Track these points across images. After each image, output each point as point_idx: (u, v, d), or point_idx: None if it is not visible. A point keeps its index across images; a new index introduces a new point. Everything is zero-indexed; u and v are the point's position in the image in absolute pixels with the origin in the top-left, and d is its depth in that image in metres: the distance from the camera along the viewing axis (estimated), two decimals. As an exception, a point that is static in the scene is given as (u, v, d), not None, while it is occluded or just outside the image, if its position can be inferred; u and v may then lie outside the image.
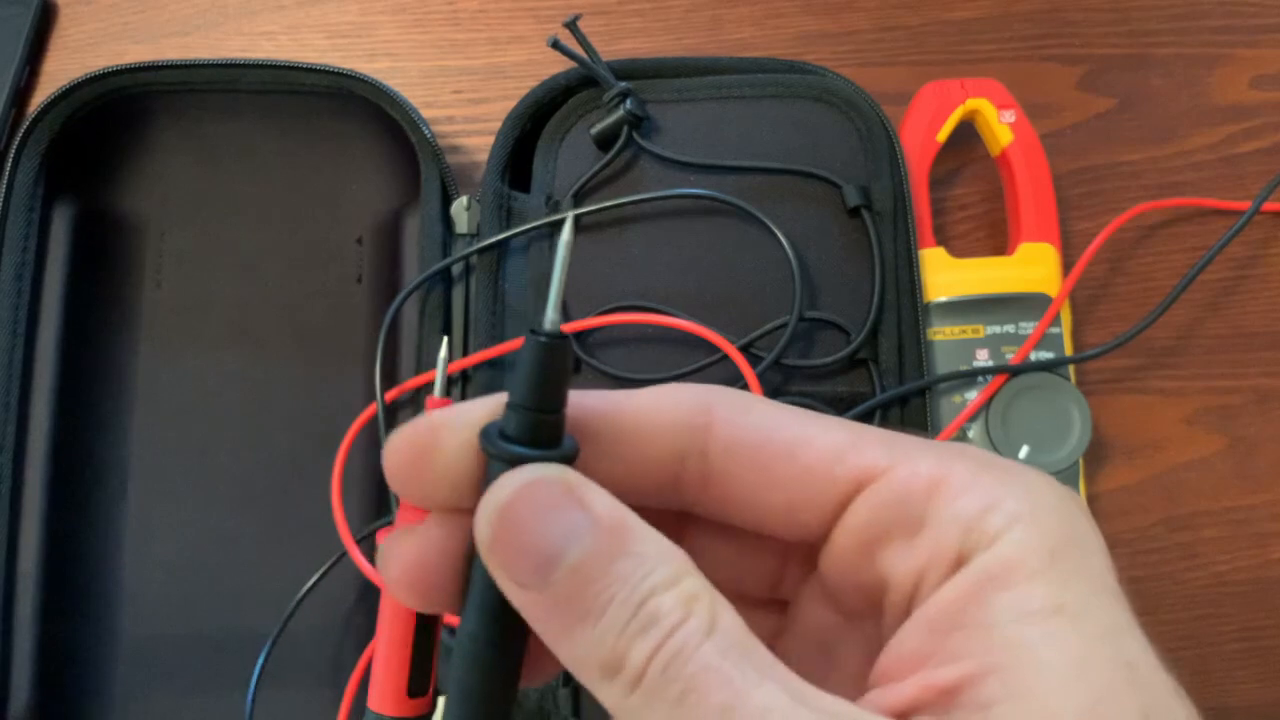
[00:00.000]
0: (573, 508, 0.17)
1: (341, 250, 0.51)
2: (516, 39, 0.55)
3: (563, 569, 0.16)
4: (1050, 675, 0.15)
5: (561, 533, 0.17)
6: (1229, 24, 0.55)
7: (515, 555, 0.17)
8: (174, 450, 0.49)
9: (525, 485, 0.17)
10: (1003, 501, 0.17)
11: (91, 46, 0.55)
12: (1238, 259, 0.53)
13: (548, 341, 0.18)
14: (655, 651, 0.16)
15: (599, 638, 0.16)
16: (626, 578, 0.16)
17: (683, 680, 0.16)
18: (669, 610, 0.16)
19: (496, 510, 0.17)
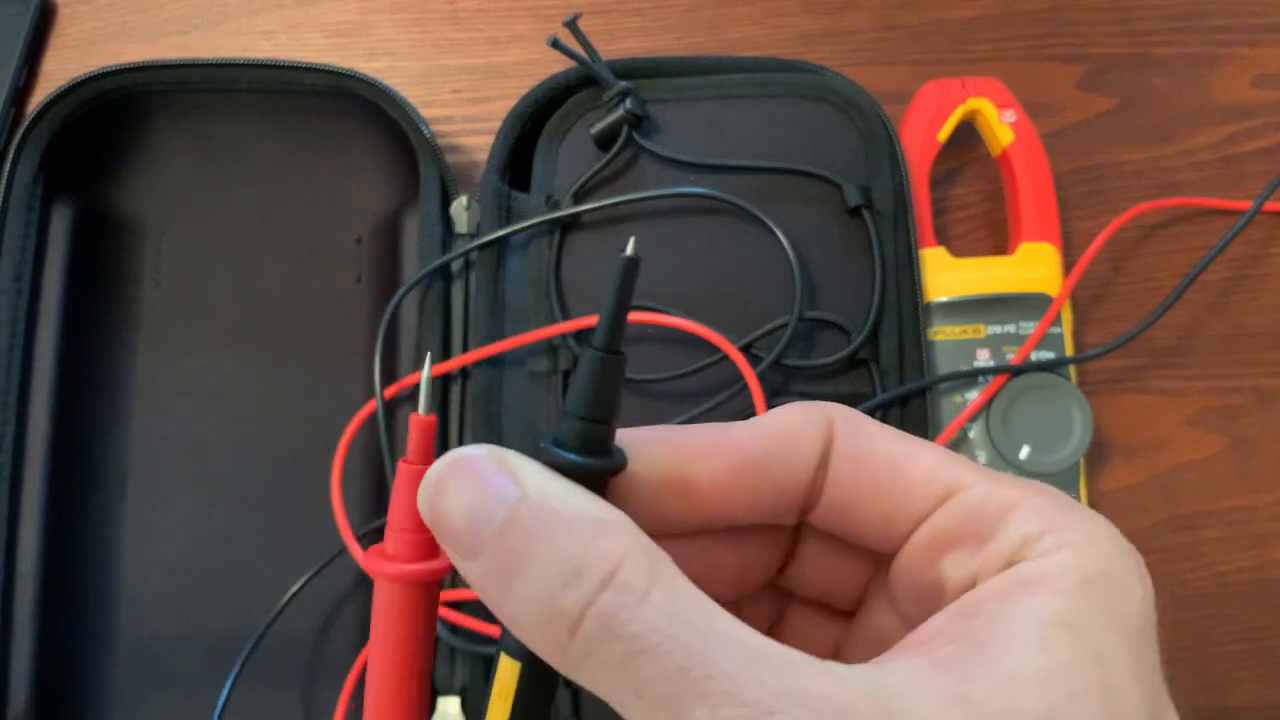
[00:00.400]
0: (501, 478, 0.18)
1: (341, 250, 0.51)
2: (516, 38, 0.55)
3: (492, 532, 0.17)
4: (1027, 672, 0.16)
5: (491, 501, 0.17)
6: (1230, 23, 0.55)
7: (450, 525, 0.18)
8: (173, 450, 0.49)
9: (454, 460, 0.18)
10: (1062, 531, 0.18)
11: (90, 46, 0.55)
12: (1239, 259, 0.52)
13: (605, 356, 0.18)
14: (588, 605, 0.16)
15: (527, 591, 0.17)
16: (554, 535, 0.17)
17: (625, 640, 0.16)
18: (598, 561, 0.16)
19: (429, 485, 0.18)
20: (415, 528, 0.20)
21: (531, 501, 0.17)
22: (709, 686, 0.15)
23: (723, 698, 0.15)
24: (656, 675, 0.16)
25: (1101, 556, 0.18)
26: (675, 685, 0.15)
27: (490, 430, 0.46)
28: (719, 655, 0.16)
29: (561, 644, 0.16)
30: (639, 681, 0.16)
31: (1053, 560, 0.18)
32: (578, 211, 0.48)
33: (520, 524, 0.17)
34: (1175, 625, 0.48)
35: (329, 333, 0.50)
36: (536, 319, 0.47)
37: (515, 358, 0.47)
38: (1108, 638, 0.17)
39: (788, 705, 0.15)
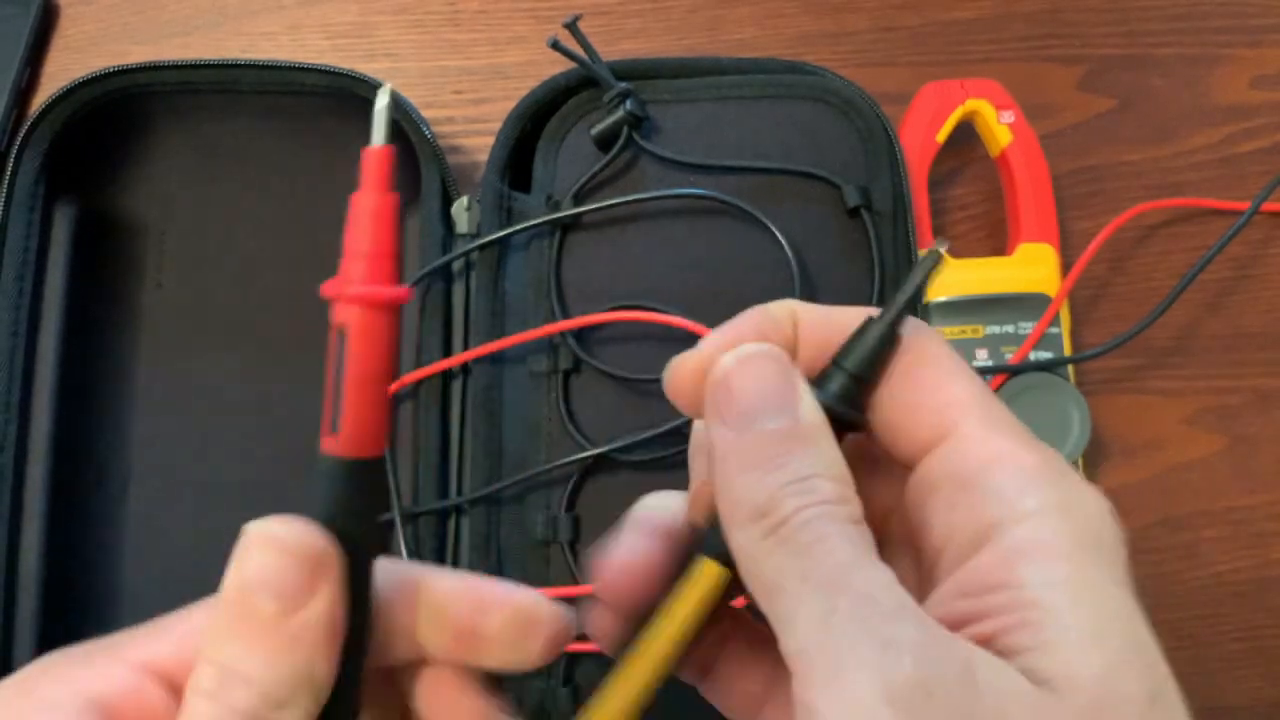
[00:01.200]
0: (790, 392, 0.21)
1: (342, 250, 0.51)
2: (516, 39, 0.55)
3: (762, 426, 0.20)
4: (1073, 636, 0.18)
5: (775, 402, 0.21)
6: (1229, 24, 0.55)
7: (734, 397, 0.21)
8: (175, 450, 0.49)
9: (767, 353, 0.21)
10: (1042, 489, 0.20)
11: (92, 47, 0.55)
12: (1237, 259, 0.53)
13: (887, 331, 0.21)
14: (803, 507, 0.19)
15: (764, 484, 0.20)
16: (803, 457, 0.20)
17: (816, 533, 0.19)
18: (826, 489, 0.20)
19: (740, 359, 0.21)
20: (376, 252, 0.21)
21: (806, 428, 0.20)
22: (857, 584, 0.19)
23: (858, 595, 0.18)
24: (823, 564, 0.19)
25: (1083, 516, 0.20)
26: (832, 576, 0.19)
27: (491, 428, 0.46)
28: (867, 568, 0.19)
29: (770, 526, 0.19)
30: (809, 568, 0.19)
31: (1041, 524, 0.19)
32: (578, 212, 0.48)
33: (794, 432, 0.20)
34: (1173, 624, 0.49)
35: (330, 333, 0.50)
36: (536, 319, 0.47)
37: (515, 356, 0.48)
38: (1114, 591, 0.19)
39: (907, 617, 0.18)
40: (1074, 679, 0.17)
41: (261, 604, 0.20)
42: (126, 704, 0.21)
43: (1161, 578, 0.49)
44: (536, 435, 0.47)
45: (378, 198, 0.21)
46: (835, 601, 0.18)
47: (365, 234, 0.21)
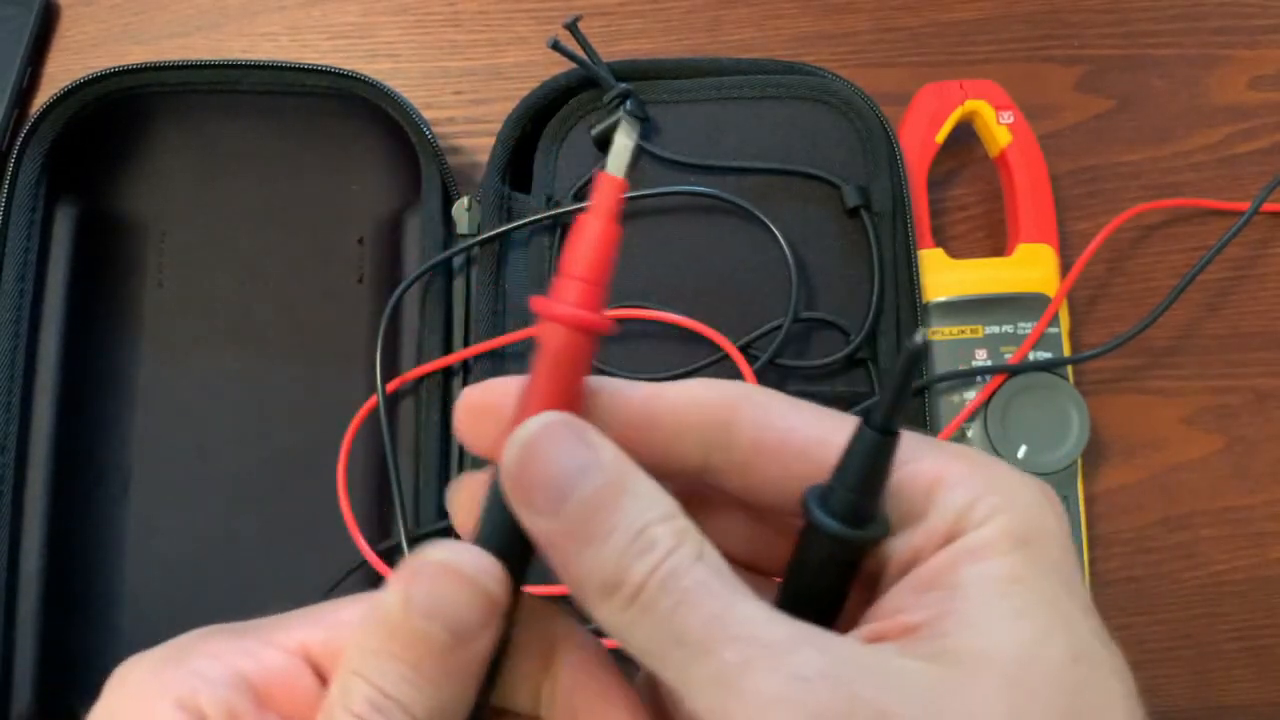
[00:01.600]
0: (585, 449, 0.19)
1: (342, 251, 0.51)
2: (517, 40, 0.55)
3: (574, 500, 0.19)
4: (998, 618, 0.18)
5: (575, 469, 0.19)
6: (1227, 25, 0.56)
7: (534, 486, 0.19)
8: (176, 450, 0.49)
9: (545, 426, 0.20)
10: (987, 496, 0.20)
11: (93, 47, 0.55)
12: (1236, 259, 0.53)
13: (880, 437, 0.19)
14: (653, 570, 0.18)
15: (603, 559, 0.19)
16: (627, 511, 0.19)
17: (677, 593, 0.18)
18: (664, 538, 0.19)
19: (522, 445, 0.19)
20: (588, 277, 0.20)
21: (612, 479, 0.19)
22: (737, 631, 0.18)
23: (748, 641, 0.18)
24: (696, 622, 0.18)
25: (1027, 513, 0.20)
26: (711, 630, 0.18)
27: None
28: (745, 610, 0.18)
29: (623, 604, 0.19)
30: (682, 629, 0.18)
31: (989, 527, 0.19)
32: (578, 209, 0.48)
33: (603, 498, 0.19)
34: (1172, 624, 0.49)
35: (331, 333, 0.50)
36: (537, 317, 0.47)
37: (516, 354, 0.48)
38: (1052, 582, 0.19)
39: (802, 647, 0.18)
40: (992, 652, 0.18)
41: (435, 634, 0.19)
42: (276, 685, 0.21)
43: (1160, 577, 0.49)
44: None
45: (604, 225, 0.21)
46: (722, 658, 0.18)
47: (584, 259, 0.20)
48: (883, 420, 0.19)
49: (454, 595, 0.20)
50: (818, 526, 0.20)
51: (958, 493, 0.20)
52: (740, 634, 0.18)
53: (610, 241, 0.21)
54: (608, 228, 0.21)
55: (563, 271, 0.21)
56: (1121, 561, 0.49)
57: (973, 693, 0.17)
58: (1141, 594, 0.49)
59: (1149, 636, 0.49)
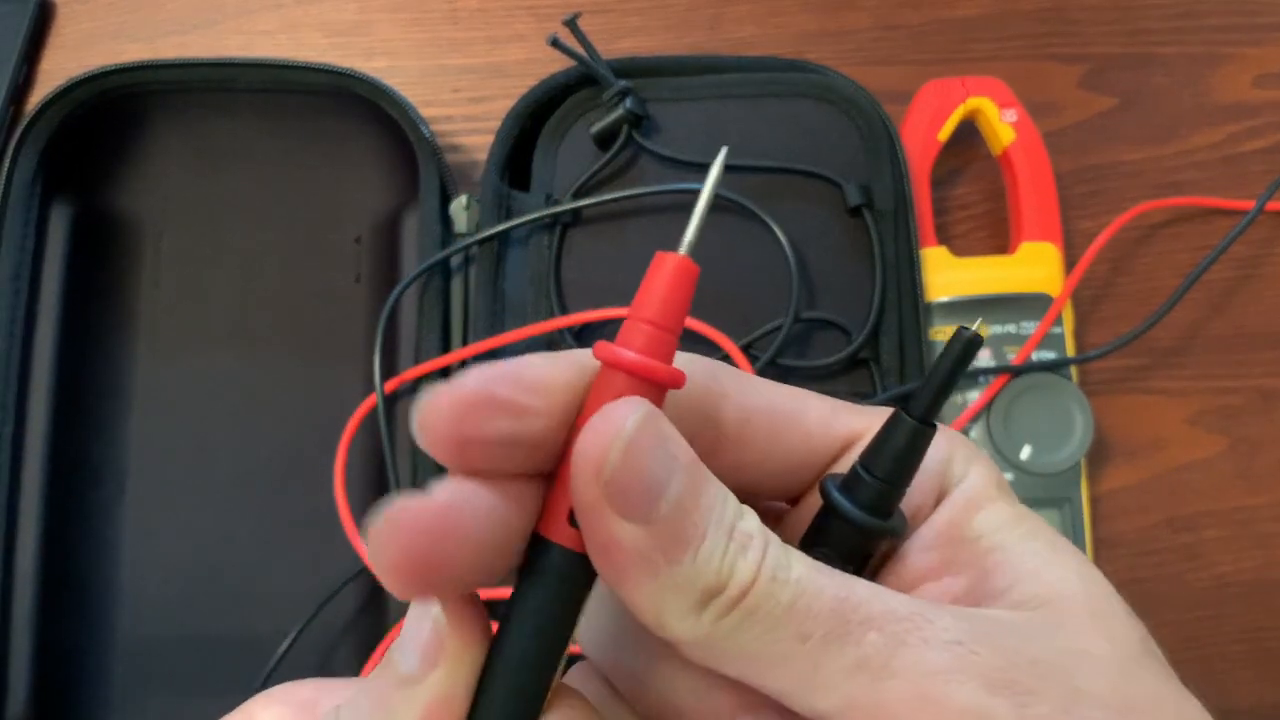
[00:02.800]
0: (668, 446, 0.17)
1: (340, 250, 0.51)
2: (516, 37, 0.55)
3: (667, 502, 0.17)
4: (1042, 562, 0.19)
5: (665, 469, 0.17)
6: (1231, 22, 0.55)
7: (632, 488, 0.17)
8: (172, 450, 0.49)
9: (643, 422, 0.17)
10: (957, 450, 0.21)
11: (89, 45, 0.55)
12: (1240, 259, 0.52)
13: (918, 427, 0.19)
14: (759, 565, 0.17)
15: (703, 562, 0.17)
16: (714, 508, 0.17)
17: (792, 585, 0.17)
18: (757, 530, 0.18)
19: (626, 442, 0.17)
20: (662, 323, 0.18)
21: (693, 473, 0.18)
22: (869, 610, 0.17)
23: (885, 617, 0.17)
24: (821, 611, 0.17)
25: (986, 462, 0.21)
26: (840, 617, 0.17)
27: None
28: (858, 587, 0.17)
29: (726, 609, 0.17)
30: (805, 624, 0.17)
31: (973, 477, 0.21)
32: (578, 206, 0.48)
33: (695, 492, 0.17)
34: (1176, 625, 0.48)
35: (328, 332, 0.50)
36: (536, 317, 0.47)
37: (515, 354, 0.47)
38: (1031, 513, 0.20)
39: (937, 612, 0.17)
40: (1063, 590, 0.18)
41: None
42: None
43: (1164, 579, 0.49)
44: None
45: (683, 264, 0.19)
46: (865, 640, 0.17)
47: (657, 300, 0.18)
48: (924, 410, 0.19)
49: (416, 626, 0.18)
50: (845, 517, 0.19)
51: (935, 452, 0.20)
52: (874, 612, 0.17)
53: (689, 281, 0.19)
54: (685, 266, 0.19)
55: (633, 313, 0.18)
56: (1125, 563, 0.49)
57: (1076, 629, 0.18)
58: (1145, 596, 0.49)
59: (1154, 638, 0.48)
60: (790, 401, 0.21)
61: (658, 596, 0.17)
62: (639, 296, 0.18)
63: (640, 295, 0.18)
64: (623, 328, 0.18)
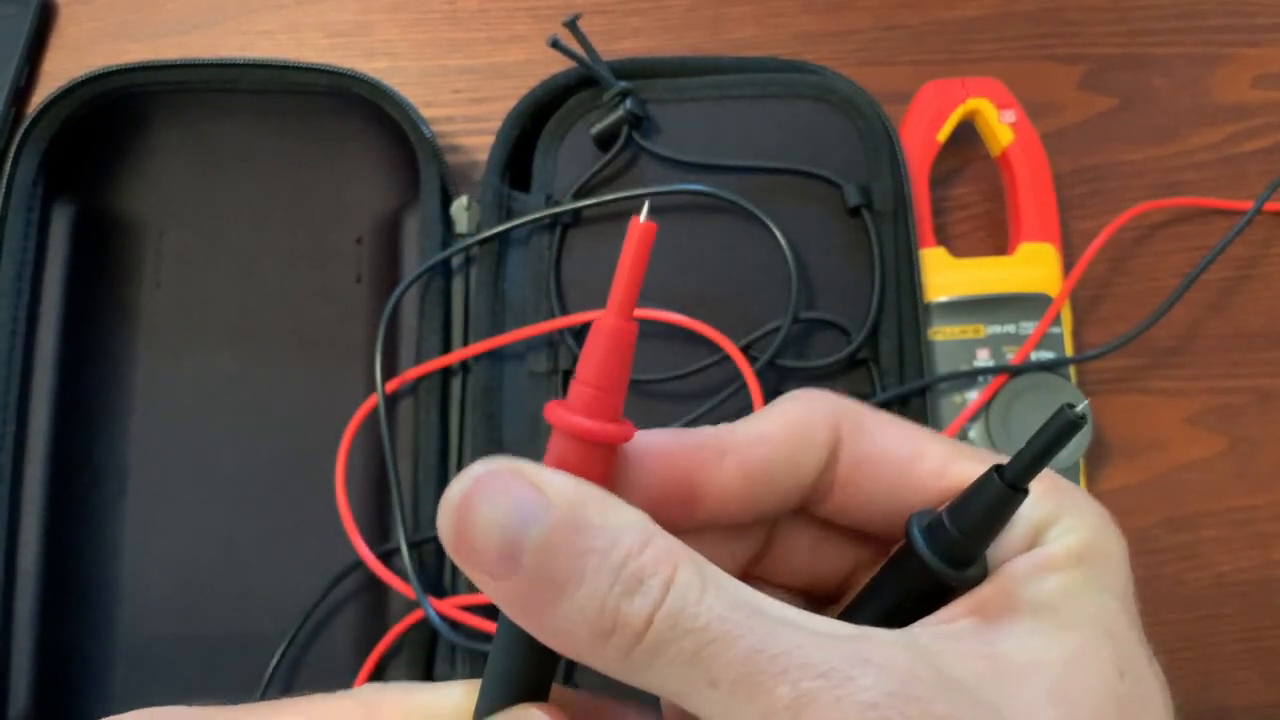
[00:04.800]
0: (526, 491, 0.17)
1: (341, 250, 0.51)
2: (516, 38, 0.55)
3: (528, 550, 0.16)
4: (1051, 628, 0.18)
5: (520, 516, 0.17)
6: (1230, 23, 0.55)
7: (478, 548, 0.17)
8: (173, 450, 0.49)
9: (474, 479, 0.17)
10: (1061, 517, 0.20)
11: (90, 46, 0.55)
12: (1239, 259, 0.52)
13: (1011, 492, 0.19)
14: (655, 607, 0.16)
15: (582, 605, 0.16)
16: (596, 546, 0.17)
17: (695, 633, 0.16)
18: (654, 568, 0.17)
19: (452, 508, 0.17)
20: (600, 384, 0.18)
21: (566, 515, 0.17)
22: (785, 662, 0.16)
23: (800, 670, 0.16)
24: (731, 660, 0.16)
25: (1094, 535, 0.20)
26: (751, 666, 0.16)
27: (490, 429, 0.46)
28: (783, 633, 0.16)
29: (625, 650, 0.16)
30: (714, 671, 0.16)
31: (1059, 544, 0.20)
32: (578, 206, 0.48)
33: (562, 538, 0.17)
34: (1175, 625, 0.48)
35: (329, 333, 0.50)
36: (536, 317, 0.47)
37: (515, 355, 0.47)
38: (1105, 599, 0.19)
39: (861, 668, 0.16)
40: (1041, 659, 0.18)
41: None
42: None
43: (1163, 579, 0.49)
44: (537, 436, 0.47)
45: (618, 324, 0.19)
46: (774, 694, 0.16)
47: (593, 363, 0.19)
48: (1017, 477, 0.19)
49: None
50: (921, 561, 0.19)
51: (1039, 510, 0.20)
52: (790, 664, 0.16)
53: (627, 343, 0.19)
54: (622, 327, 0.19)
55: (578, 378, 0.19)
56: (1124, 563, 0.49)
57: (1022, 698, 0.17)
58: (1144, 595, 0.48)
59: (1152, 638, 0.48)
60: (907, 447, 0.21)
61: (547, 635, 0.17)
62: (582, 355, 0.19)
63: (583, 356, 0.19)
64: (570, 388, 0.19)
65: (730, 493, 0.20)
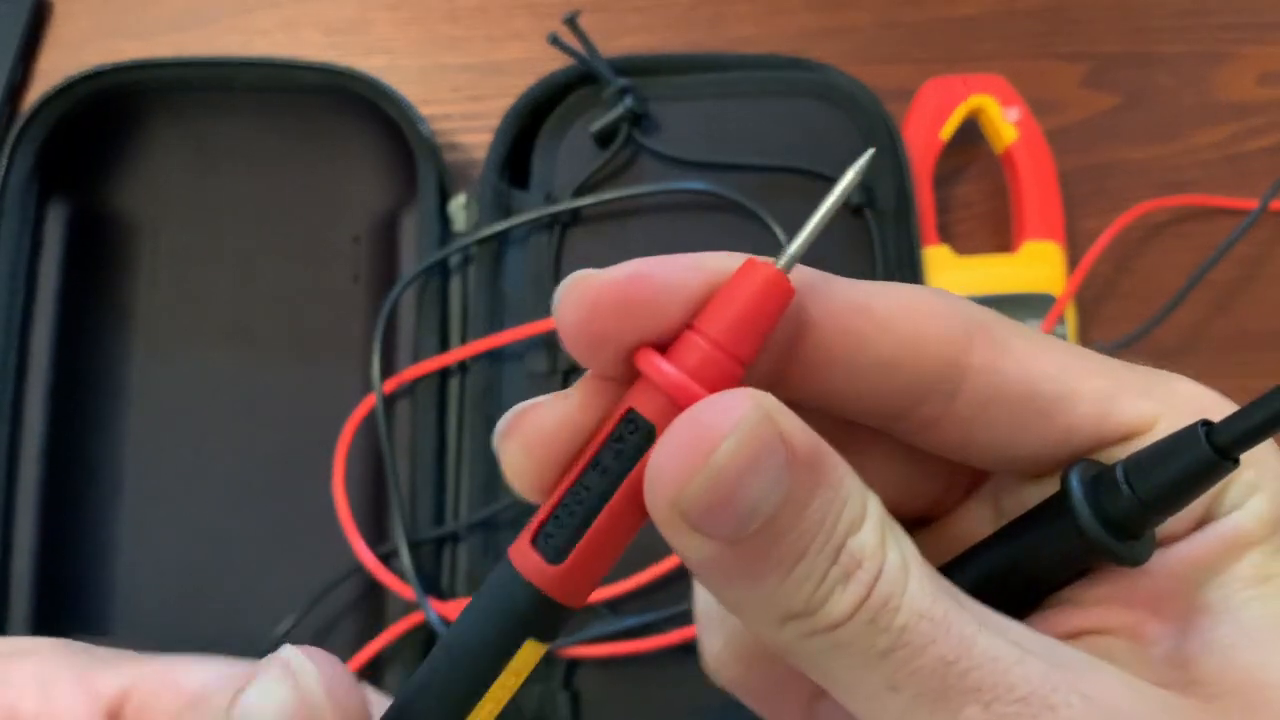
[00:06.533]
0: (776, 449, 0.14)
1: (338, 249, 0.50)
2: (515, 35, 0.55)
3: (759, 519, 0.14)
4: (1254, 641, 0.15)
5: (765, 483, 0.14)
6: (1235, 21, 0.55)
7: (713, 513, 0.14)
8: (169, 450, 0.49)
9: (750, 439, 0.14)
10: (1243, 473, 0.16)
11: (86, 43, 0.54)
12: (1245, 258, 0.52)
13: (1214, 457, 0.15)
14: (860, 603, 0.14)
15: (793, 587, 0.14)
16: (823, 519, 0.14)
17: (892, 633, 0.14)
18: (871, 551, 0.15)
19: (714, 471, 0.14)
20: (730, 344, 0.15)
21: (802, 475, 0.14)
22: (978, 679, 0.14)
23: (996, 692, 0.14)
24: (920, 669, 0.14)
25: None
26: (942, 680, 0.14)
27: (489, 430, 0.46)
28: (980, 642, 0.14)
29: (809, 635, 0.15)
30: (897, 676, 0.14)
31: (1249, 511, 0.16)
32: (577, 205, 0.47)
33: (795, 508, 0.14)
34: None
35: (326, 332, 0.49)
36: (535, 316, 0.47)
37: (514, 356, 0.47)
38: None
39: (1065, 696, 0.14)
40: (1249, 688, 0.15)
41: None
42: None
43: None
44: (535, 436, 0.46)
45: (779, 283, 0.16)
46: (962, 715, 0.14)
47: (732, 317, 0.16)
48: (1231, 443, 0.15)
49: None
50: (1078, 524, 0.16)
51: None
52: (984, 682, 0.14)
53: (780, 306, 0.16)
54: (781, 287, 0.16)
55: (701, 328, 0.16)
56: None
57: None
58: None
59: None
60: (1057, 381, 0.17)
61: (731, 604, 0.15)
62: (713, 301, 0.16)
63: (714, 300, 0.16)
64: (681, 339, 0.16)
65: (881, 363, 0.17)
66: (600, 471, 0.16)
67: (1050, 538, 0.16)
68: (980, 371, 0.17)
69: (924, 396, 0.17)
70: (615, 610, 0.43)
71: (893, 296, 0.17)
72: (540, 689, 0.43)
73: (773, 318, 0.16)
